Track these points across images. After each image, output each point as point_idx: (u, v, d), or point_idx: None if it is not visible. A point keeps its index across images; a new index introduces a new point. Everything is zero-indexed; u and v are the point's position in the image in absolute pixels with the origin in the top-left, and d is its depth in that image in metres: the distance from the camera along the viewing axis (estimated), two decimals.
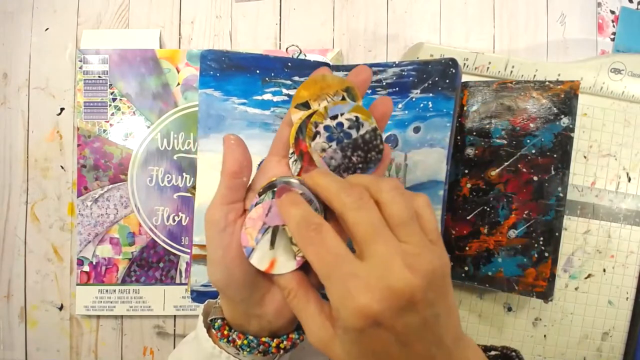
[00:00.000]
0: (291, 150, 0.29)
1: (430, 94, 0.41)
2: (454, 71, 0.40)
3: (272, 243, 0.27)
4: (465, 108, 0.43)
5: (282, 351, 0.30)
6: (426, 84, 0.41)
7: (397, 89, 0.42)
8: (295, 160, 0.29)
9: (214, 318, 0.30)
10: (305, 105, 0.28)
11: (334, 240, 0.23)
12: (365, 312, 0.21)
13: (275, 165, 0.29)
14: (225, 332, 0.29)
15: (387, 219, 0.23)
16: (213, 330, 0.30)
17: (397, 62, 0.42)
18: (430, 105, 0.41)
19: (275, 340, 0.29)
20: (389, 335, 0.22)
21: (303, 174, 0.28)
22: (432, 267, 0.22)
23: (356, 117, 0.28)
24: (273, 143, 0.30)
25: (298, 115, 0.28)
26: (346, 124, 0.28)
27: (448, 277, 0.24)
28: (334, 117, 0.28)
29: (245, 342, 0.29)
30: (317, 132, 0.28)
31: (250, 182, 0.29)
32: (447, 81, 0.40)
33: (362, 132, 0.28)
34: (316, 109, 0.28)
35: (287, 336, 0.29)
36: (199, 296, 0.43)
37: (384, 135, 0.42)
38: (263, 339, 0.29)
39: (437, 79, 0.41)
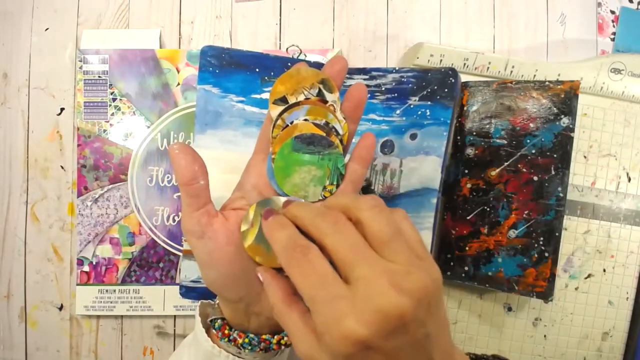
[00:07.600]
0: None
1: (429, 102, 0.41)
2: (453, 81, 0.40)
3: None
4: (465, 108, 0.43)
5: (283, 347, 0.30)
6: (425, 92, 0.41)
7: (395, 94, 0.42)
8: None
9: (214, 318, 0.30)
10: (283, 100, 0.28)
11: (321, 263, 0.22)
12: (353, 337, 0.20)
13: (260, 164, 0.29)
14: (226, 332, 0.29)
15: (369, 239, 0.22)
16: (213, 331, 0.30)
17: (397, 68, 0.42)
18: (428, 113, 0.41)
19: (275, 336, 0.30)
20: (379, 357, 0.21)
21: (282, 209, 0.27)
22: (422, 286, 0.21)
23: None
24: (257, 141, 0.30)
25: (277, 112, 0.28)
26: None
27: (439, 293, 0.23)
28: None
29: (247, 340, 0.29)
30: None
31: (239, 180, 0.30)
32: (446, 90, 0.40)
33: None
34: (293, 102, 0.28)
35: None
36: (187, 291, 0.43)
37: (381, 140, 0.42)
38: (264, 337, 0.29)
39: (436, 87, 0.41)
